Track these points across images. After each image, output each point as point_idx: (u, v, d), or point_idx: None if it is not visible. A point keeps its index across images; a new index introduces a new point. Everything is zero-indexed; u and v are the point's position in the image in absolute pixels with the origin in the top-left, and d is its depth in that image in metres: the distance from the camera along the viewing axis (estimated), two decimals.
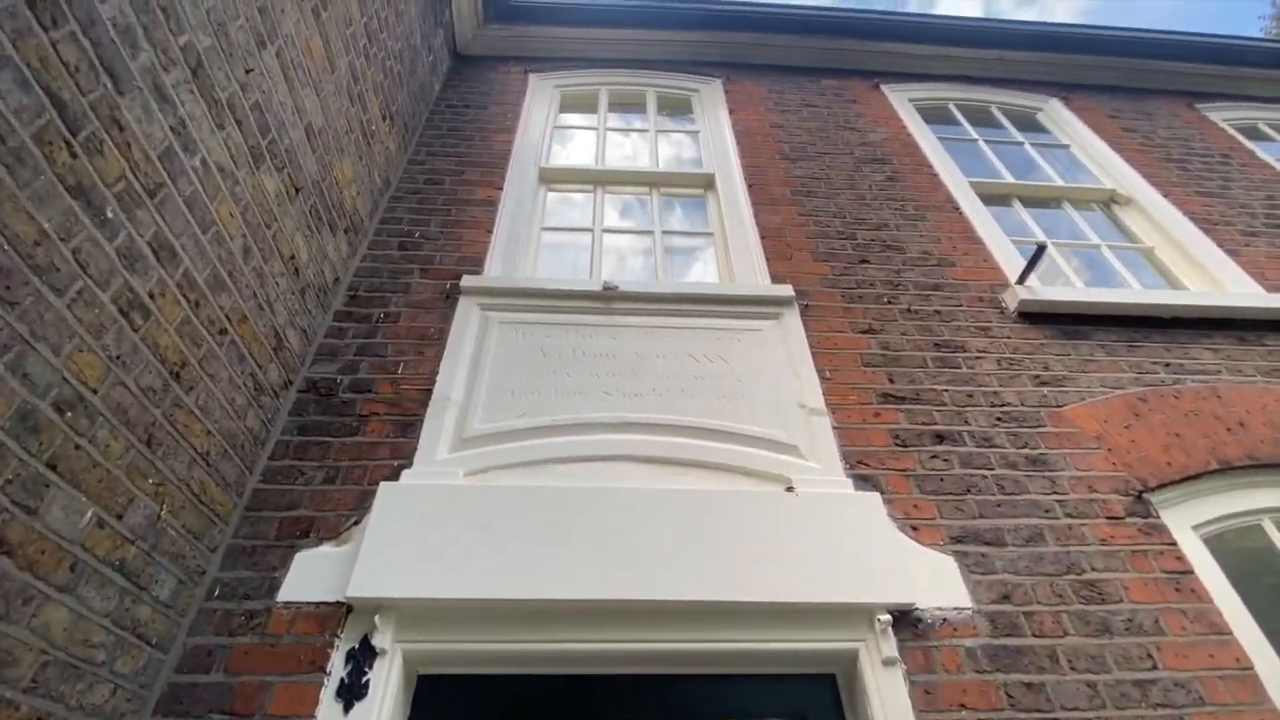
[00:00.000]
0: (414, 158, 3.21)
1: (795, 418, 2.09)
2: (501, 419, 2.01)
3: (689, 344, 2.32)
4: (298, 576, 1.61)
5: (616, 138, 3.77)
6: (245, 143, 1.74)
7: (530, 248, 2.89)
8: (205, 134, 1.57)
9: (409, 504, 1.73)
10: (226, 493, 1.70)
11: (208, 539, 1.63)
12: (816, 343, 2.40)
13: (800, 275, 2.68)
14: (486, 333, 2.31)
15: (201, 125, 1.55)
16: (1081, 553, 1.79)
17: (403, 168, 3.13)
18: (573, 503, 1.75)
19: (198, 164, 1.54)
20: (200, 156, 1.55)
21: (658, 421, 2.03)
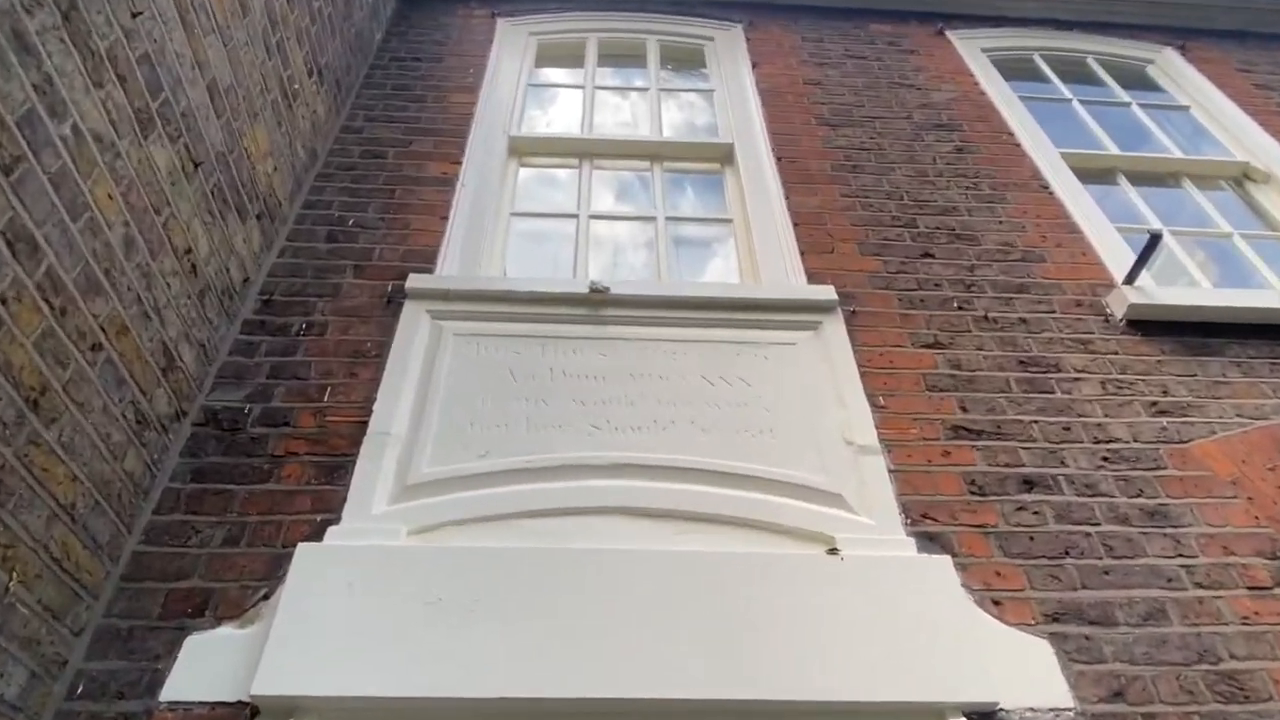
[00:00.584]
0: (349, 124, 3.26)
1: (839, 458, 2.10)
2: (457, 460, 2.02)
3: (701, 362, 2.33)
4: (188, 668, 1.59)
5: (609, 99, 3.80)
6: (130, 105, 1.73)
7: (497, 239, 2.89)
8: (79, 94, 1.55)
9: (336, 571, 1.72)
10: (97, 557, 1.68)
11: (71, 618, 1.60)
12: (866, 360, 2.41)
13: (845, 273, 2.71)
14: (439, 348, 2.32)
15: (74, 82, 1.54)
16: (1217, 635, 1.79)
17: (334, 137, 3.18)
18: (549, 570, 1.74)
19: (68, 132, 1.52)
20: (71, 122, 1.54)
21: (660, 463, 2.04)
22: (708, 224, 3.22)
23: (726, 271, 2.95)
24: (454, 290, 2.49)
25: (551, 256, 2.92)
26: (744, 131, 3.43)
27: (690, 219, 3.26)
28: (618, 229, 3.11)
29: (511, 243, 2.99)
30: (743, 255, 2.97)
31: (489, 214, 2.92)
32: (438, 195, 2.90)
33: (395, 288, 2.51)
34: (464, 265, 2.67)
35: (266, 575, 1.80)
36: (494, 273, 2.80)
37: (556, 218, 3.16)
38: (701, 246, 3.13)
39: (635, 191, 3.36)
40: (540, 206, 3.25)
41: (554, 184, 3.39)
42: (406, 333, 2.36)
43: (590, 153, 3.43)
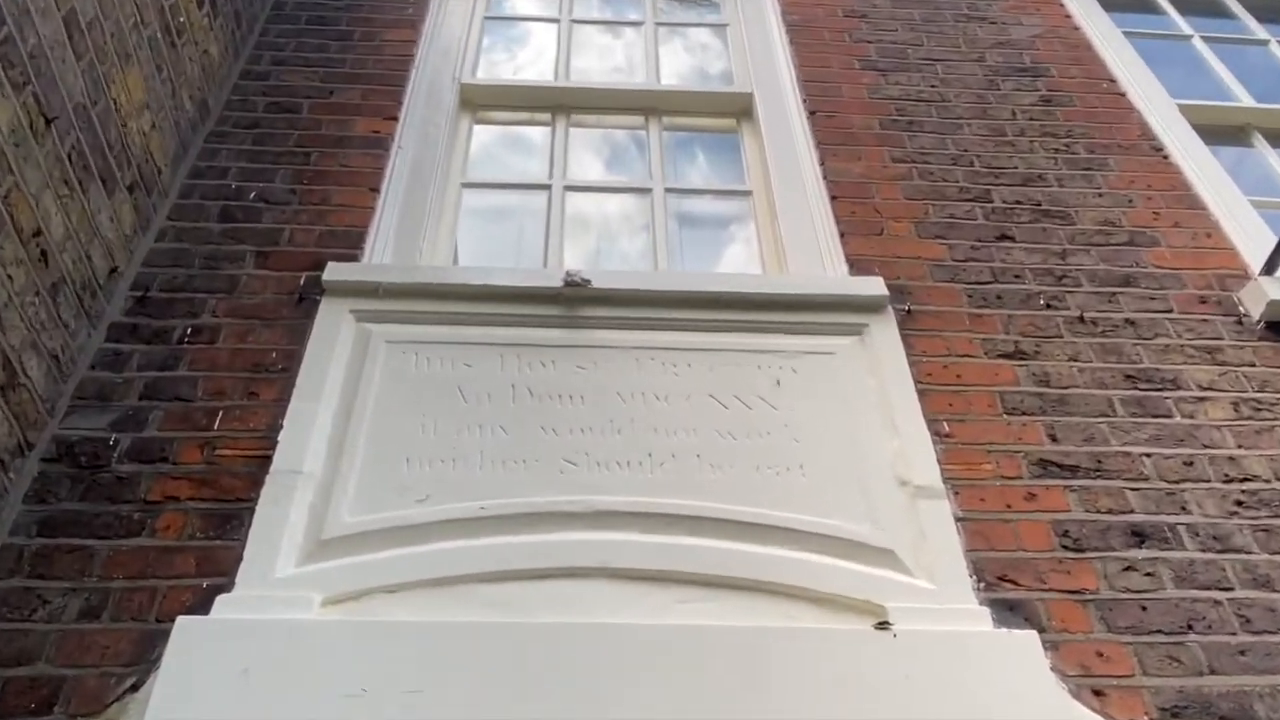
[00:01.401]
0: (251, 68, 3.26)
1: (891, 503, 2.11)
2: (389, 507, 2.02)
3: (711, 377, 2.34)
4: None
5: (592, 36, 3.82)
6: None
7: (444, 217, 2.89)
8: None
9: (227, 653, 1.71)
10: None
11: None
12: (926, 374, 2.42)
13: (898, 261, 2.70)
14: (367, 359, 2.33)
15: None
16: None
17: (231, 85, 3.17)
18: (510, 653, 1.74)
19: None
20: None
21: (655, 509, 2.05)
22: (720, 198, 3.23)
23: (744, 259, 2.96)
24: (387, 284, 2.48)
25: (515, 240, 2.93)
26: (767, 78, 3.45)
27: (697, 191, 3.27)
28: (603, 205, 3.11)
29: (464, 222, 2.96)
30: (765, 238, 2.96)
31: (434, 185, 2.91)
32: (366, 160, 2.89)
33: (309, 281, 2.51)
34: (400, 251, 2.66)
35: (136, 659, 1.78)
36: (440, 261, 2.79)
37: (523, 190, 3.16)
38: (712, 227, 3.15)
39: (626, 156, 3.40)
40: (502, 175, 3.26)
41: (520, 146, 3.40)
42: (323, 340, 2.36)
43: (567, 105, 3.43)
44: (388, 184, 2.85)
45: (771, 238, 2.94)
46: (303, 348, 2.36)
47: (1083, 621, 1.97)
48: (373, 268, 2.58)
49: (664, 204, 3.06)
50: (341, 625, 1.81)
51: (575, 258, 2.88)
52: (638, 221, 3.08)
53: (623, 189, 3.24)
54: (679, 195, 3.18)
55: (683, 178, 3.30)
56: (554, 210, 3.00)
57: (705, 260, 3.01)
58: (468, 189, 3.12)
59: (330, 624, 1.82)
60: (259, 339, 2.39)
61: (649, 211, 3.07)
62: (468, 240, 2.92)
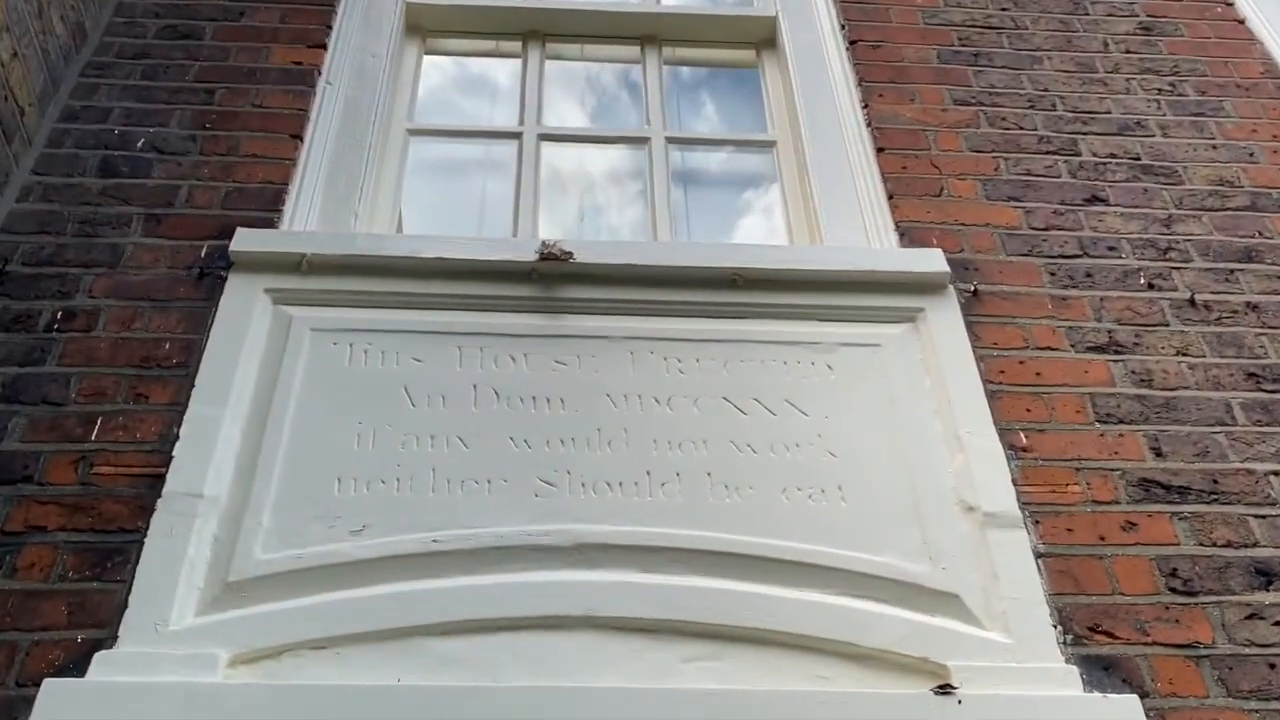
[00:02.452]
0: None
1: (954, 533, 2.12)
2: (315, 540, 2.02)
3: (726, 377, 2.35)
4: None
5: None
6: None
7: (386, 173, 2.87)
8: None
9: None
10: None
11: None
12: (998, 372, 2.42)
13: (961, 229, 2.68)
14: (287, 352, 2.33)
15: None
16: None
17: (115, 3, 3.14)
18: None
19: None
20: None
21: (656, 542, 2.06)
22: (736, 151, 3.28)
23: (766, 229, 2.94)
24: (313, 257, 2.46)
25: (477, 203, 2.92)
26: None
27: (707, 142, 3.32)
28: (588, 159, 3.11)
29: (411, 180, 2.94)
30: (793, 201, 2.93)
31: (373, 132, 2.88)
32: (287, 100, 2.88)
33: (213, 252, 2.50)
34: (330, 216, 2.64)
35: None
36: (381, 228, 2.76)
37: (486, 139, 3.19)
38: (725, 188, 3.14)
39: (617, 97, 3.41)
40: (459, 120, 3.24)
41: (481, 84, 3.38)
42: (231, 327, 2.34)
43: (542, 31, 3.41)
44: (313, 130, 2.81)
45: (801, 201, 2.92)
46: (204, 338, 2.34)
47: (1195, 683, 1.95)
48: (294, 236, 2.55)
49: (665, 158, 3.02)
50: (254, 690, 1.79)
51: (553, 226, 2.85)
52: (631, 180, 3.08)
53: (613, 139, 3.24)
54: (683, 147, 3.16)
55: (688, 125, 3.28)
56: (525, 165, 2.96)
57: (717, 229, 2.97)
58: (416, 137, 3.10)
59: (240, 689, 1.79)
60: (149, 326, 2.37)
61: (645, 168, 3.05)
62: (416, 203, 2.90)
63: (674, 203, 2.98)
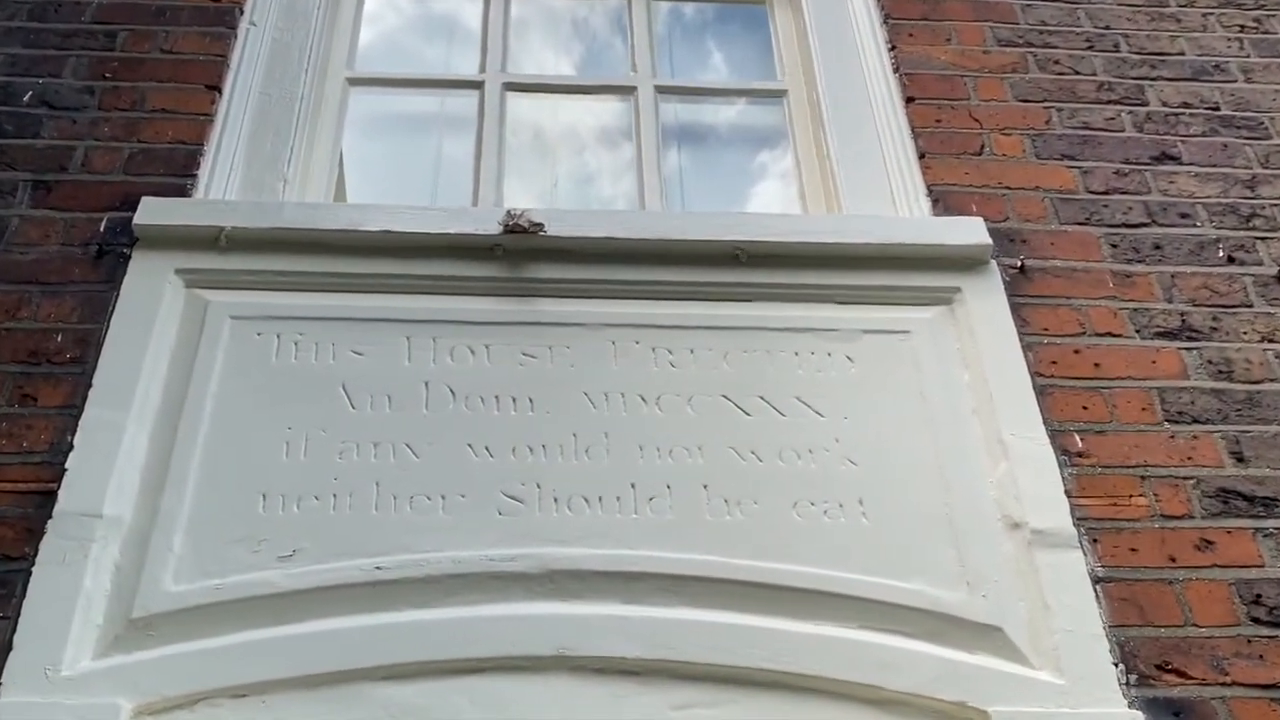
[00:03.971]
0: None
1: (996, 555, 2.04)
2: (237, 567, 1.93)
3: (725, 369, 2.27)
4: None
5: None
6: None
7: (322, 131, 2.73)
8: None
9: None
10: None
11: None
12: (1049, 362, 2.30)
13: (1006, 194, 2.55)
14: (203, 344, 2.23)
15: None
16: None
17: None
18: None
19: None
20: None
21: (642, 566, 1.98)
22: (740, 102, 3.11)
23: (776, 194, 2.81)
24: (234, 231, 2.32)
25: (431, 166, 2.82)
26: None
27: (705, 93, 3.13)
28: (563, 113, 2.99)
29: (352, 139, 2.80)
30: (807, 162, 2.80)
31: (306, 82, 2.75)
32: (202, 44, 2.69)
33: (115, 226, 2.36)
34: (254, 182, 2.51)
35: None
36: (316, 197, 2.63)
37: (442, 90, 3.04)
38: (727, 146, 2.99)
39: (602, 43, 3.26)
40: (409, 67, 3.16)
41: (437, 24, 3.27)
42: (136, 315, 2.23)
43: None
44: (234, 80, 2.65)
45: (816, 162, 2.78)
46: (104, 328, 2.22)
47: None
48: (211, 206, 2.41)
49: (654, 111, 2.89)
50: None
51: (521, 193, 2.74)
52: (617, 140, 2.97)
53: (592, 88, 3.11)
54: (677, 99, 3.03)
55: (683, 71, 3.15)
56: (488, 121, 2.83)
57: (717, 196, 2.87)
58: (358, 88, 2.97)
59: None
60: (37, 315, 2.25)
61: (631, 123, 2.93)
62: (358, 166, 2.77)
63: (666, 165, 2.86)
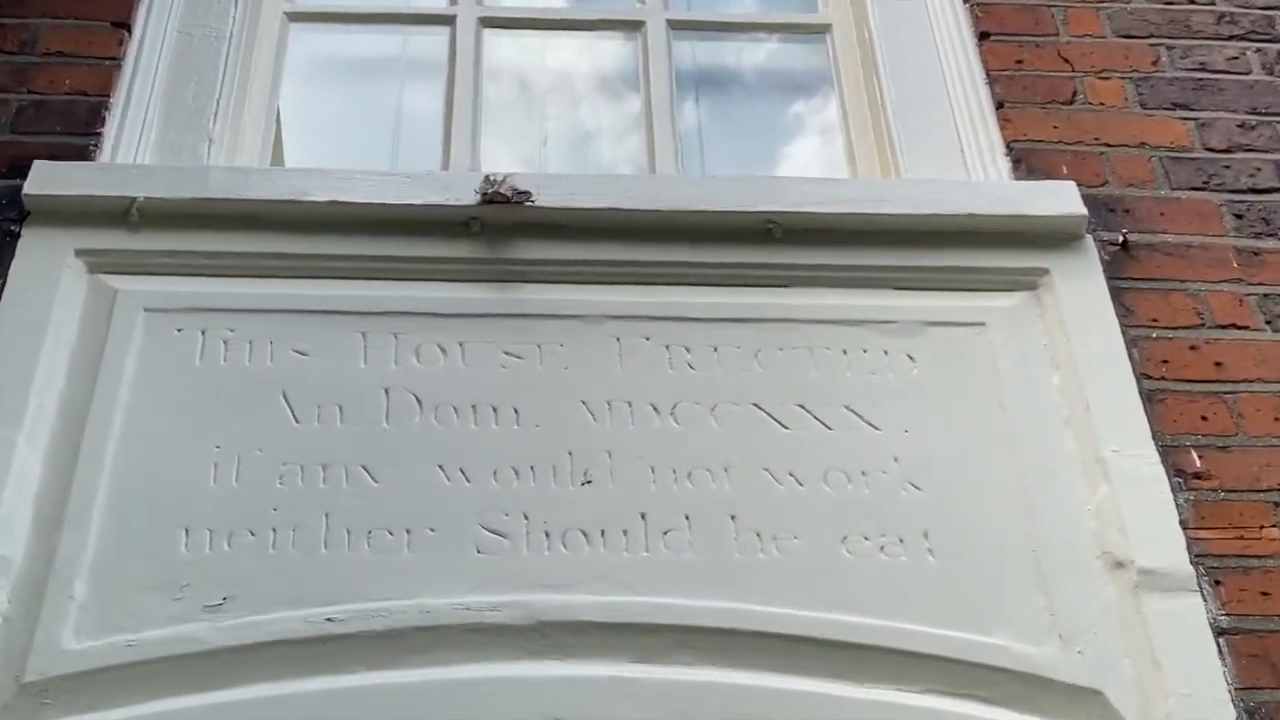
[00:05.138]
0: None
1: (1094, 599, 1.92)
2: (153, 619, 1.82)
3: (757, 372, 2.16)
4: None
5: None
6: None
7: (254, 79, 2.68)
8: None
9: None
10: None
11: None
12: (1160, 361, 2.17)
13: (1105, 152, 2.42)
14: (110, 341, 2.11)
15: None
16: None
17: None
18: None
19: None
20: None
21: (655, 617, 1.86)
22: (772, 39, 3.08)
23: (817, 155, 2.80)
24: (148, 203, 2.19)
25: (390, 121, 2.78)
26: None
27: (728, 28, 3.12)
28: (554, 53, 3.01)
29: (294, 88, 2.79)
30: (856, 115, 2.72)
31: (235, 17, 2.68)
32: None
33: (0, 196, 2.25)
34: (172, 142, 2.42)
35: None
36: (248, 160, 2.55)
37: (403, 26, 3.05)
38: (758, 95, 2.93)
39: None
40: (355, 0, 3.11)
41: None
42: (26, 307, 2.13)
43: None
44: (146, 15, 2.54)
45: (868, 114, 2.68)
46: None
47: None
48: (119, 172, 2.27)
49: (666, 52, 2.80)
50: None
51: (503, 154, 2.72)
52: (618, 87, 2.94)
53: (589, 23, 3.05)
54: (695, 36, 2.97)
55: (702, 2, 3.14)
56: (461, 65, 2.74)
57: (744, 157, 2.83)
58: (299, 24, 2.92)
59: None
60: None
61: (638, 66, 2.85)
62: (301, 122, 2.74)
63: (682, 120, 2.76)
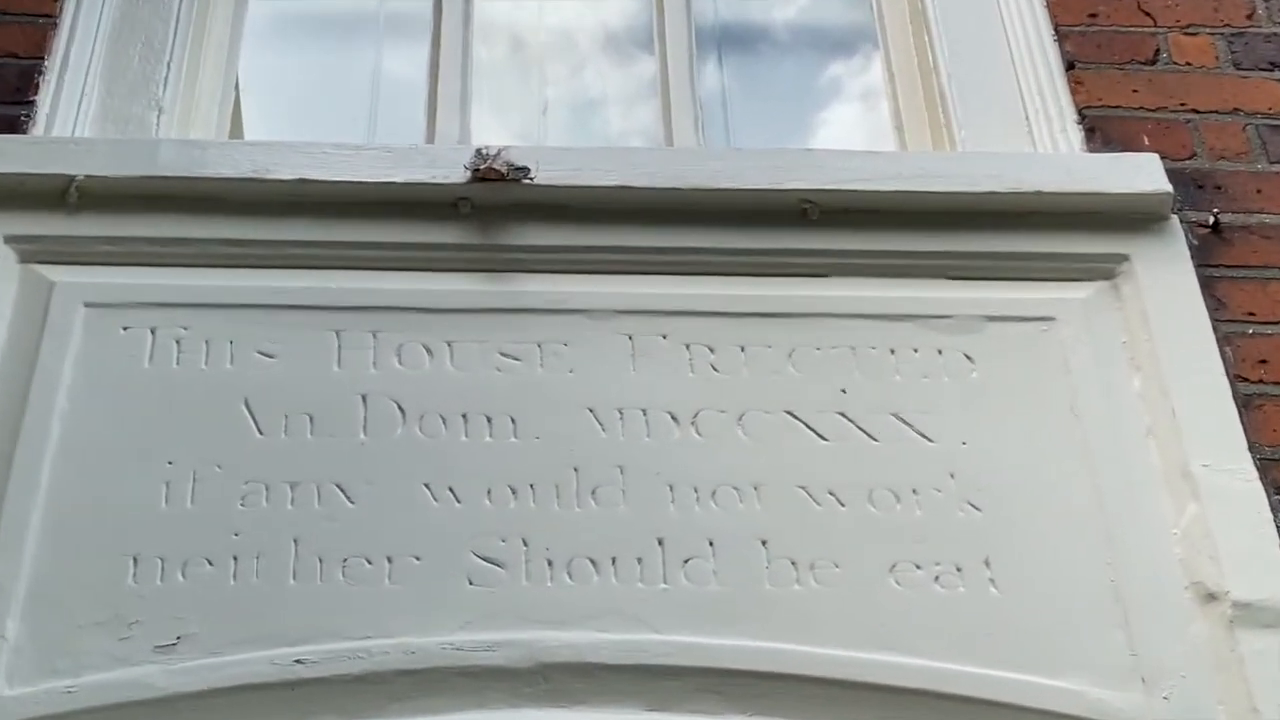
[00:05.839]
0: None
1: (1181, 636, 1.84)
2: (98, 661, 1.75)
3: (790, 375, 2.06)
4: None
5: None
6: None
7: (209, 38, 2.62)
8: None
9: None
10: None
11: None
12: (1256, 363, 2.07)
13: (1192, 120, 2.32)
14: (46, 343, 2.02)
15: None
16: None
17: None
18: None
19: None
20: None
21: (672, 658, 1.78)
22: None
23: (861, 125, 2.76)
24: (90, 182, 2.10)
25: (367, 87, 2.71)
26: None
27: None
28: (554, 9, 2.95)
29: (255, 49, 2.73)
30: (904, 78, 2.61)
31: None
32: None
33: None
34: (116, 112, 2.35)
35: None
36: (203, 132, 2.46)
37: None
38: (791, 56, 2.87)
39: None
40: None
41: None
42: None
43: None
44: None
45: (917, 76, 2.57)
46: None
47: None
48: (57, 147, 2.18)
49: (685, 6, 2.71)
50: None
51: (496, 126, 2.69)
52: (629, 48, 2.90)
53: None
54: None
55: None
56: (449, 23, 2.65)
57: (775, 127, 2.74)
58: None
59: None
60: None
61: (652, 23, 2.76)
62: (264, 88, 2.71)
63: (703, 85, 2.64)
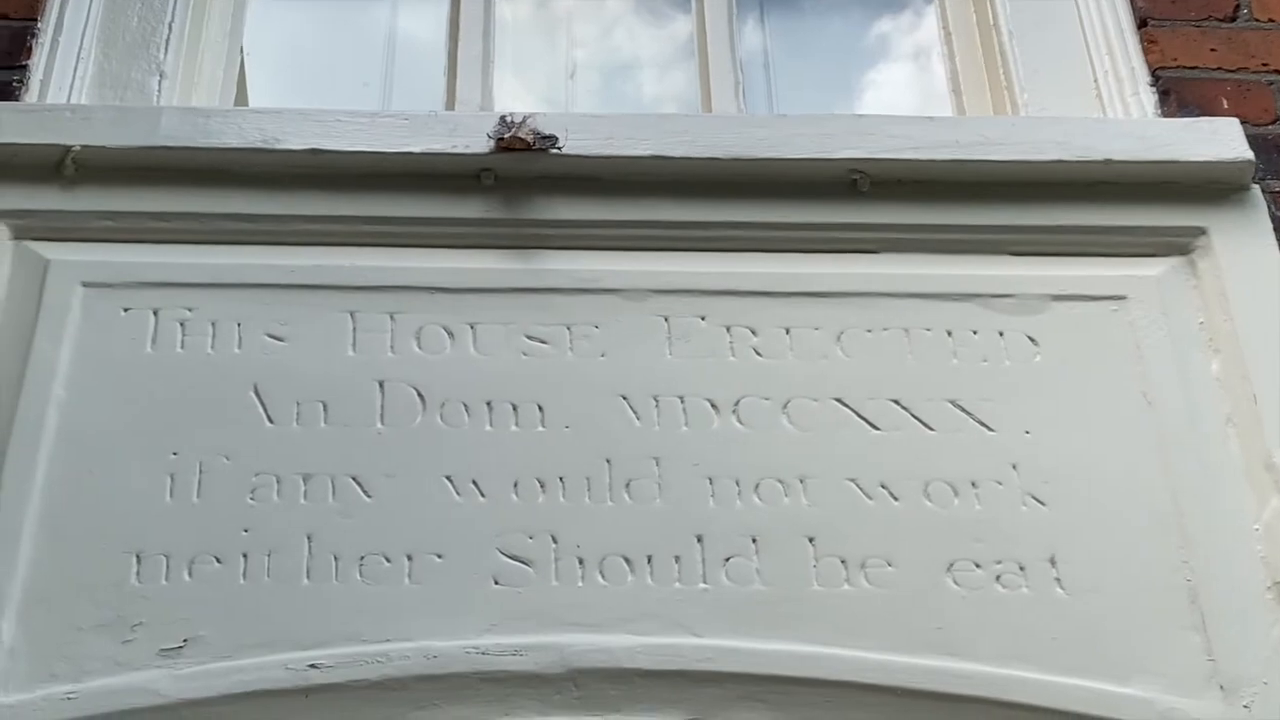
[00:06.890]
0: None
1: (1263, 641, 1.80)
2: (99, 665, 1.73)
3: (840, 360, 2.01)
4: None
5: None
6: None
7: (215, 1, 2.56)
8: None
9: None
10: None
11: None
12: None
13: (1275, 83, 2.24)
14: (41, 325, 1.98)
15: None
16: None
17: None
18: None
19: None
20: None
21: (712, 663, 1.76)
22: None
23: (914, 87, 2.73)
24: (86, 152, 2.05)
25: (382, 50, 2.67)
26: None
27: None
28: None
29: (261, 9, 2.65)
30: (961, 37, 2.54)
31: None
32: None
33: None
34: (115, 77, 2.30)
35: None
36: (206, 99, 2.40)
37: None
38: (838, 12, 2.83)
39: None
40: None
41: None
42: None
43: None
44: None
45: (976, 34, 2.49)
46: None
47: None
48: (52, 115, 2.11)
49: None
50: None
51: (521, 91, 2.62)
52: (662, 6, 2.82)
53: None
54: None
55: None
56: None
57: (821, 91, 2.66)
58: None
59: None
60: None
61: None
62: (272, 51, 2.64)
63: (744, 45, 2.59)
